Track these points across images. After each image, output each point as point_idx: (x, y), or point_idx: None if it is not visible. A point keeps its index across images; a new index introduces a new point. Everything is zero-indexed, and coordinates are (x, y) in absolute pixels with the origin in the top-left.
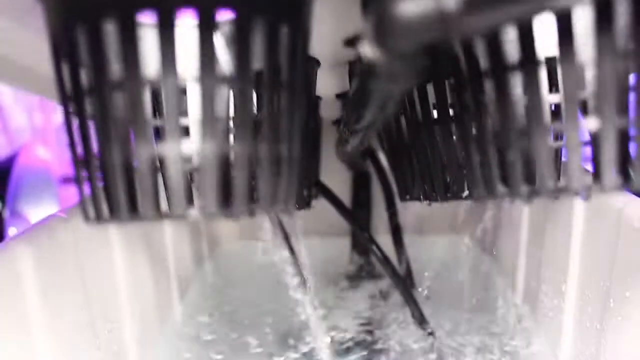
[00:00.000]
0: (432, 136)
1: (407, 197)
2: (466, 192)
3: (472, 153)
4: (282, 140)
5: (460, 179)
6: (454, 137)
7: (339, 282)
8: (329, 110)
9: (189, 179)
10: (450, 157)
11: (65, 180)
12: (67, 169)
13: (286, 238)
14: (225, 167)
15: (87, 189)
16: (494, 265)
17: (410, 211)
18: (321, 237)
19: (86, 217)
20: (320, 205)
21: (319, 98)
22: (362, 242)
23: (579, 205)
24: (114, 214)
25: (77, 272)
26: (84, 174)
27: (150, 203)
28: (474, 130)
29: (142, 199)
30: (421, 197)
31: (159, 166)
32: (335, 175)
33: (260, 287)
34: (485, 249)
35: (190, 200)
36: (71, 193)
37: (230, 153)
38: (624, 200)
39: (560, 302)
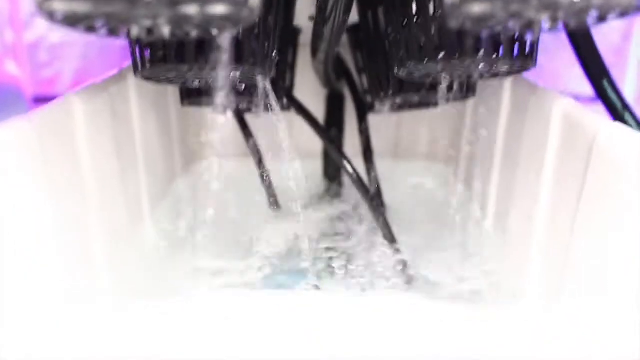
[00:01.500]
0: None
1: (383, 94)
2: (442, 53)
3: None
4: None
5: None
6: None
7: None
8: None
9: None
10: (425, 15)
11: (37, 101)
12: (40, 89)
13: (258, 154)
14: None
15: None
16: (467, 192)
17: (385, 135)
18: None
19: (36, 3)
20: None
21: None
22: (334, 160)
23: (554, 130)
24: None
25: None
26: None
27: None
28: None
29: None
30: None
31: None
32: (310, 96)
33: (233, 205)
34: (459, 176)
35: None
36: None
37: None
38: (599, 124)
39: (529, 227)
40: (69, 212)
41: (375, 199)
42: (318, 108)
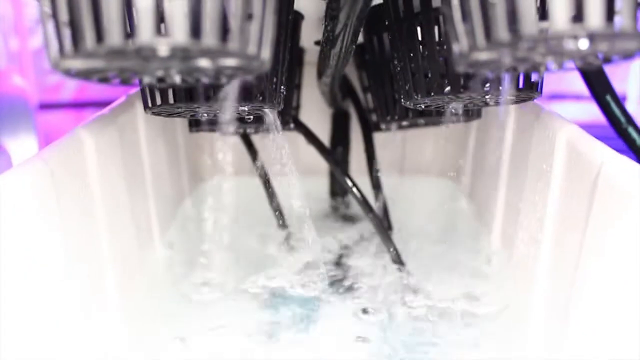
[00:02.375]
0: (414, 32)
1: (389, 118)
2: (448, 88)
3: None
4: None
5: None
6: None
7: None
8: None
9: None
10: (432, 49)
11: (43, 107)
12: (45, 96)
13: (265, 174)
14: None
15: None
16: (472, 209)
17: (391, 151)
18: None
19: (49, 57)
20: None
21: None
22: (339, 181)
23: (559, 156)
24: (79, 46)
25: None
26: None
27: (117, 29)
28: None
29: (108, 25)
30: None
31: None
32: (315, 114)
33: (242, 224)
34: (465, 192)
35: (158, 31)
36: (49, 120)
37: None
38: (604, 155)
39: (536, 251)
40: (81, 245)
41: (382, 222)
42: (324, 126)
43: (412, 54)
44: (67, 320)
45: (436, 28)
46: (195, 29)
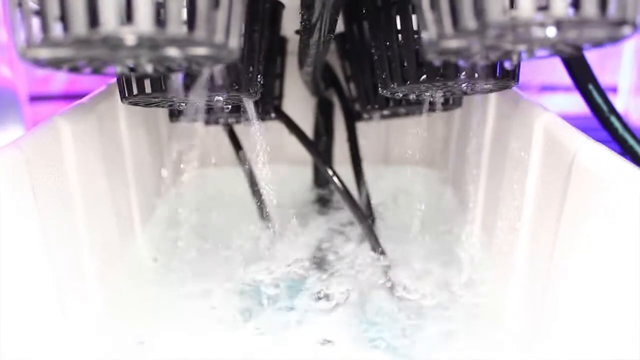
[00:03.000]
0: (390, 20)
1: (369, 107)
2: (424, 76)
3: None
4: None
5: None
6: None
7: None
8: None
9: None
10: (407, 38)
11: (33, 99)
12: (34, 88)
13: (247, 165)
14: None
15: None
16: (455, 197)
17: (374, 141)
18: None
19: (16, 47)
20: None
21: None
22: (321, 171)
23: (536, 144)
24: (45, 35)
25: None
26: None
27: (82, 18)
28: None
29: (73, 14)
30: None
31: None
32: (299, 103)
33: (225, 215)
34: (448, 181)
35: (125, 19)
36: (38, 112)
37: None
38: (578, 143)
39: (514, 239)
40: (59, 234)
41: (363, 211)
42: (307, 115)
43: (388, 43)
44: (46, 311)
45: (413, 17)
46: (160, 18)
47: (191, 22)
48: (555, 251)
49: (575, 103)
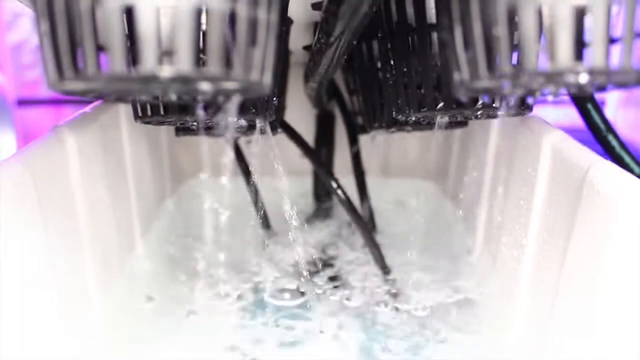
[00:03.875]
0: (407, 47)
1: (376, 124)
2: (441, 104)
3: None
4: (261, 3)
5: (434, 91)
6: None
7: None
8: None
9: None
10: (426, 65)
11: (21, 103)
12: (24, 91)
13: (248, 174)
14: (200, 23)
15: (48, 45)
16: (456, 212)
17: (375, 153)
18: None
19: (48, 82)
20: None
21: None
22: (323, 181)
23: (544, 161)
24: (80, 72)
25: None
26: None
27: (119, 57)
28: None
29: (111, 53)
30: (390, 120)
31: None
32: (300, 114)
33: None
34: (449, 195)
35: (162, 59)
36: (27, 116)
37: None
38: (589, 162)
39: (519, 255)
40: (63, 245)
41: (367, 224)
42: (308, 127)
43: (405, 69)
44: (47, 321)
45: (432, 44)
46: (200, 58)
47: (229, 59)
48: (563, 269)
49: (563, 115)
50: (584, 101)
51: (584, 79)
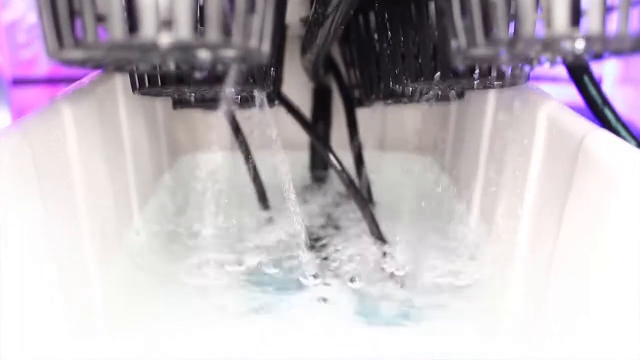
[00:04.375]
0: (407, 17)
1: (373, 97)
2: (438, 74)
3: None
4: None
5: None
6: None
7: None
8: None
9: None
10: (423, 35)
11: (16, 82)
12: (19, 71)
13: (245, 149)
14: None
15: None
16: (453, 184)
17: (372, 127)
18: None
19: (48, 51)
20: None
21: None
22: (320, 155)
23: (540, 131)
24: (80, 41)
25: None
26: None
27: (119, 24)
28: None
29: (110, 21)
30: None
31: None
32: (296, 88)
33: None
34: (446, 167)
35: (161, 27)
36: (22, 96)
37: None
38: (585, 130)
39: (515, 225)
40: (60, 216)
41: (364, 197)
42: (305, 100)
43: (403, 39)
44: (46, 293)
45: (430, 14)
46: (200, 25)
47: (228, 27)
48: (559, 238)
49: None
50: (580, 74)
51: (580, 45)
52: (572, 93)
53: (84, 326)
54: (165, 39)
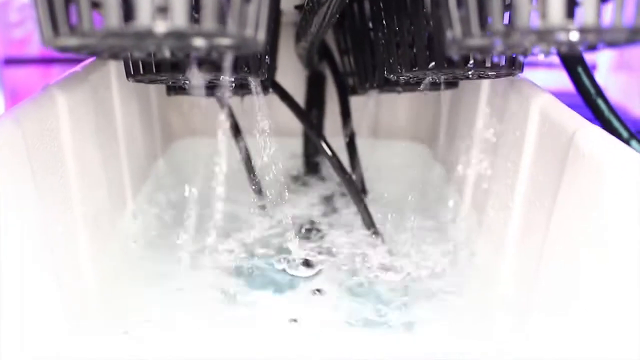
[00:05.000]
0: (402, 6)
1: (367, 85)
2: (432, 64)
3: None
4: None
5: (426, 50)
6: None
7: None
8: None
9: None
10: (418, 24)
11: (8, 62)
12: (11, 50)
13: (238, 134)
14: None
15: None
16: (445, 174)
17: (364, 114)
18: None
19: (43, 39)
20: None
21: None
22: (313, 142)
23: (532, 124)
24: (75, 28)
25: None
26: None
27: (114, 13)
28: None
29: (106, 8)
30: (382, 80)
31: None
32: (290, 75)
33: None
34: (438, 157)
35: (157, 14)
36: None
37: None
38: (576, 125)
39: (506, 217)
40: (54, 205)
41: (357, 186)
42: (298, 87)
43: (398, 28)
44: (40, 279)
45: (424, 4)
46: (195, 13)
47: (223, 15)
48: (549, 230)
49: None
50: (574, 65)
51: (574, 37)
52: (566, 80)
53: (77, 310)
54: (160, 27)
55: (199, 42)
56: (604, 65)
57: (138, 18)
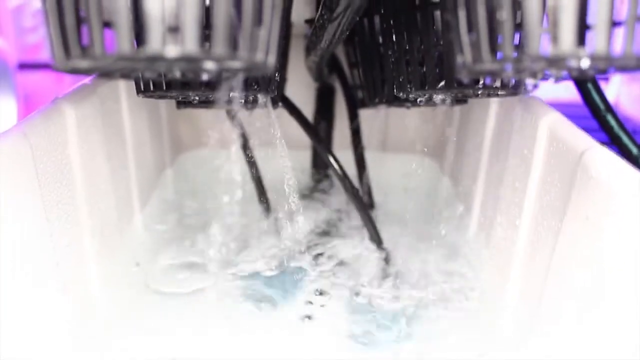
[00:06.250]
0: (412, 25)
1: (377, 99)
2: (442, 83)
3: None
4: None
5: (436, 69)
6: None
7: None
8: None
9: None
10: (428, 43)
11: (22, 67)
12: (24, 56)
13: (246, 146)
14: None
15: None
16: (453, 189)
17: (375, 128)
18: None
19: (55, 62)
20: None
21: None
22: (321, 156)
23: (540, 143)
24: (87, 51)
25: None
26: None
27: (126, 37)
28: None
29: (118, 32)
30: (391, 95)
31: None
32: (300, 87)
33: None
34: (447, 172)
35: (168, 39)
36: (28, 80)
37: None
38: (584, 146)
39: (513, 235)
40: (60, 215)
41: (363, 201)
42: (308, 100)
43: (408, 46)
44: (45, 291)
45: (435, 25)
46: (206, 39)
47: (235, 39)
48: (555, 251)
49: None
50: (584, 81)
51: (585, 64)
52: (574, 91)
53: (82, 322)
54: (172, 52)
55: (209, 66)
56: (617, 76)
57: (149, 42)
